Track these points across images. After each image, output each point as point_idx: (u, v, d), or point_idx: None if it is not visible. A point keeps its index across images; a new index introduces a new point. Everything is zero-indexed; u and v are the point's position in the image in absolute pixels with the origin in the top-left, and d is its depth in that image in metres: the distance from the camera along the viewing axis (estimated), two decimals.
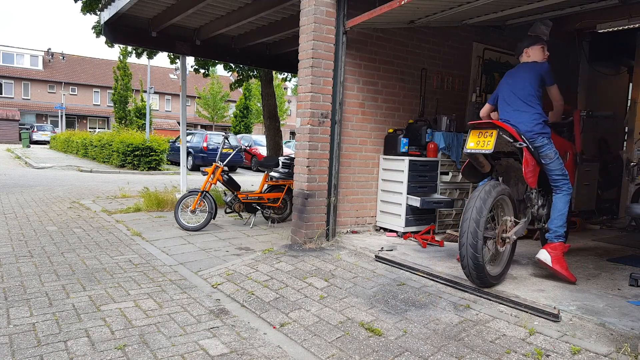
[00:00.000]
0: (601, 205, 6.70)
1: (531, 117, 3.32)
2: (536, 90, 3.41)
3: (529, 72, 3.47)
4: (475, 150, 3.12)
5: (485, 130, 3.14)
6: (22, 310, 2.94)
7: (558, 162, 3.31)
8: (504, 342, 2.49)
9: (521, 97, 3.41)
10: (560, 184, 3.37)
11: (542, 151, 3.27)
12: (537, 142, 3.26)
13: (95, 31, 9.09)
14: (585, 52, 7.08)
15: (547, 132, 3.30)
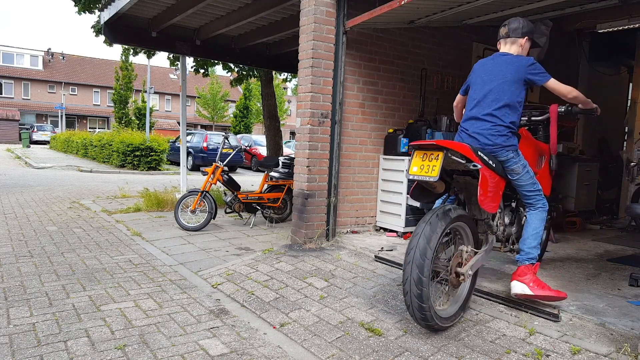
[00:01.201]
0: (601, 205, 6.70)
1: (493, 127, 2.75)
2: (514, 95, 2.79)
3: (509, 71, 2.82)
4: (418, 177, 2.58)
5: (431, 152, 2.57)
6: (22, 310, 2.94)
7: (528, 176, 2.82)
8: (504, 342, 2.49)
9: (492, 100, 2.80)
10: (533, 200, 2.90)
11: (508, 165, 2.78)
12: (500, 156, 2.75)
13: (94, 30, 9.09)
14: (585, 52, 7.08)
15: (512, 145, 2.76)
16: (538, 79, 2.80)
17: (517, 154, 2.79)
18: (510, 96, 2.78)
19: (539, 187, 2.88)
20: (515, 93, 2.79)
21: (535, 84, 2.83)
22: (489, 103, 2.79)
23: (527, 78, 2.79)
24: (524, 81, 2.79)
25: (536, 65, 2.80)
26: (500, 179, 2.77)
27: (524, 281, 2.75)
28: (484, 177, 2.60)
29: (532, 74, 2.79)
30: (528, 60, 2.81)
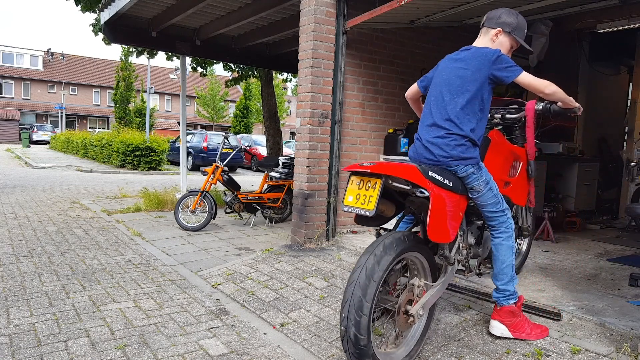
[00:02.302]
0: (601, 205, 6.70)
1: (449, 136, 2.28)
2: (476, 97, 2.31)
3: (470, 68, 2.34)
4: (353, 209, 2.11)
5: (368, 178, 2.13)
6: (22, 310, 2.94)
7: (490, 194, 2.37)
8: (504, 342, 2.49)
9: (449, 104, 2.34)
10: (496, 222, 2.43)
11: (467, 182, 2.33)
12: (459, 171, 2.30)
13: (94, 30, 9.08)
14: (585, 52, 7.08)
15: (472, 157, 2.29)
16: (506, 75, 2.27)
17: (479, 169, 2.33)
18: (471, 98, 2.30)
19: (503, 207, 2.42)
20: (477, 94, 2.30)
21: (503, 81, 2.30)
22: (446, 107, 2.32)
23: (492, 75, 2.29)
24: (489, 79, 2.30)
25: (502, 58, 2.29)
26: (462, 197, 2.35)
27: (504, 322, 2.47)
28: (436, 203, 2.13)
29: (498, 69, 2.28)
30: (493, 52, 2.30)
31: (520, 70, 2.28)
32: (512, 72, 2.28)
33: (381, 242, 2.08)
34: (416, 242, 2.21)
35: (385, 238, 2.11)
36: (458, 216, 2.32)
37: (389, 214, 2.38)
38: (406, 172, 2.09)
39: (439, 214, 2.16)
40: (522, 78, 2.28)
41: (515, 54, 2.61)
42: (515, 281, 2.50)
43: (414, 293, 2.26)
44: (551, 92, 2.31)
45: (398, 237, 2.14)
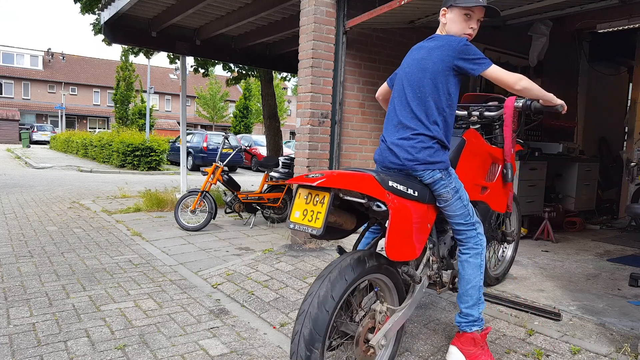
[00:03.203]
0: (601, 205, 6.71)
1: (415, 137, 2.05)
2: (441, 92, 2.06)
3: (432, 59, 2.08)
4: (299, 227, 1.86)
5: (316, 192, 1.87)
6: (22, 310, 2.94)
7: (459, 204, 2.12)
8: (504, 342, 2.49)
9: (413, 101, 2.10)
10: (464, 236, 2.18)
11: (434, 189, 2.09)
12: (425, 176, 2.06)
13: (94, 30, 9.09)
14: (585, 52, 7.08)
15: (439, 162, 2.05)
16: (472, 68, 2.03)
17: (448, 175, 2.08)
18: (437, 94, 2.05)
19: (473, 220, 2.17)
20: (442, 89, 2.05)
21: (469, 73, 2.05)
22: (410, 104, 2.10)
23: (457, 66, 2.04)
24: (454, 70, 2.06)
25: (469, 48, 2.03)
26: (430, 207, 2.12)
27: (463, 351, 2.18)
28: (397, 217, 1.88)
29: (463, 60, 2.02)
30: (459, 41, 2.04)
31: (489, 63, 2.04)
32: (480, 64, 2.03)
33: (337, 265, 1.82)
34: (379, 263, 1.94)
35: (342, 260, 1.84)
36: (425, 229, 2.08)
37: (349, 227, 2.09)
38: (360, 184, 1.81)
39: (401, 228, 1.91)
40: (490, 71, 2.03)
41: (514, 53, 2.53)
42: (481, 306, 2.21)
43: (375, 320, 1.98)
44: (523, 87, 2.04)
45: (357, 257, 1.86)
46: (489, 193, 2.53)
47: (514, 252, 3.43)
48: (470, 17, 2.15)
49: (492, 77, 2.06)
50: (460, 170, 2.27)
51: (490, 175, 2.56)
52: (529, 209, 5.27)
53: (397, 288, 2.10)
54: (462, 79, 2.13)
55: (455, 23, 2.15)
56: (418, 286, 2.19)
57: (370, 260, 1.91)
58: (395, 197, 1.90)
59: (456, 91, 2.12)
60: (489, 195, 2.52)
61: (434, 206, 2.14)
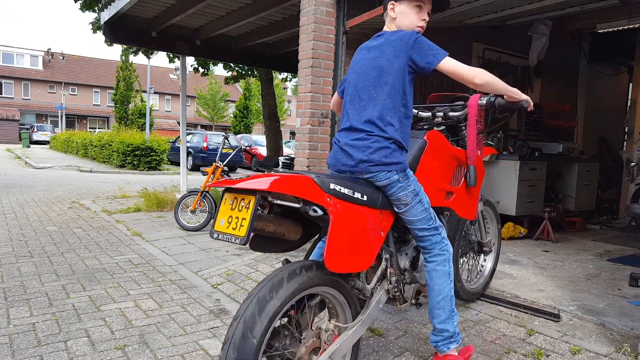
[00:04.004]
0: (601, 205, 6.71)
1: (369, 137, 1.88)
2: (395, 90, 1.90)
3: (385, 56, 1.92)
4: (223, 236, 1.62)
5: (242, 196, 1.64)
6: (22, 310, 2.94)
7: (420, 208, 1.93)
8: (504, 342, 2.49)
9: (366, 102, 1.93)
10: (428, 242, 2.00)
11: (391, 193, 1.90)
12: (380, 178, 1.87)
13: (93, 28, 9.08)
14: (585, 52, 7.09)
15: (396, 162, 1.87)
16: (427, 61, 1.88)
17: (405, 177, 1.90)
18: (391, 92, 1.89)
19: (436, 224, 1.99)
20: (396, 87, 1.89)
21: (424, 68, 1.89)
22: (364, 105, 1.93)
23: (412, 61, 1.89)
24: (409, 66, 1.90)
25: (421, 40, 1.89)
26: (385, 212, 1.94)
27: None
28: (339, 223, 1.68)
29: (417, 53, 1.88)
30: (410, 35, 1.89)
31: (444, 54, 1.90)
32: (435, 56, 1.88)
33: (269, 280, 1.58)
34: (323, 275, 1.71)
35: (276, 274, 1.61)
36: (377, 237, 1.87)
37: (293, 237, 1.87)
38: (292, 186, 1.59)
39: (344, 236, 1.71)
40: (445, 64, 1.89)
41: (514, 53, 2.47)
42: (455, 319, 2.03)
43: (321, 340, 1.77)
44: (483, 82, 1.87)
45: (294, 270, 1.64)
46: (455, 198, 2.30)
47: (494, 263, 3.15)
48: (421, 9, 2.05)
49: (447, 71, 1.90)
50: (422, 173, 2.09)
51: (455, 179, 2.34)
52: (529, 209, 5.27)
53: (350, 303, 1.87)
54: (416, 77, 1.96)
55: (406, 16, 2.03)
56: (373, 301, 1.97)
57: (310, 272, 1.67)
58: (338, 202, 1.71)
59: (411, 90, 1.95)
60: (454, 200, 2.29)
61: (390, 212, 1.96)
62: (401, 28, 2.01)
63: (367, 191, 1.85)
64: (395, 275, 2.07)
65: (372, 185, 1.89)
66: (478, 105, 2.25)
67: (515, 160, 5.09)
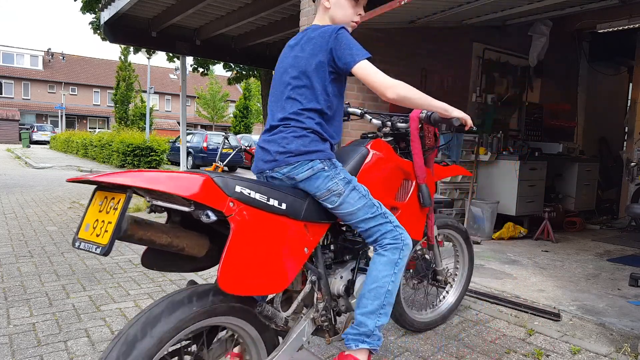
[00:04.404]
0: (601, 205, 6.71)
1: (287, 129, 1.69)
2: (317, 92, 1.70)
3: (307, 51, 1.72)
4: (84, 245, 1.29)
5: (113, 194, 1.36)
6: (22, 310, 2.94)
7: (356, 195, 1.69)
8: (504, 342, 2.49)
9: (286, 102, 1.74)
10: (378, 234, 1.73)
11: (318, 186, 1.65)
12: (302, 171, 1.64)
13: (92, 27, 9.08)
14: (585, 52, 7.09)
15: (318, 150, 1.66)
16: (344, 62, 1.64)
17: (331, 165, 1.68)
18: (313, 93, 1.70)
19: (382, 211, 1.74)
20: (318, 87, 1.69)
21: (342, 69, 1.67)
22: (284, 105, 1.73)
23: (331, 59, 1.68)
24: (329, 65, 1.69)
25: (343, 35, 1.66)
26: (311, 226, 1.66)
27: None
28: (241, 233, 1.41)
29: (336, 51, 1.65)
30: (332, 30, 1.67)
31: (363, 57, 1.63)
32: (352, 56, 1.62)
33: (144, 313, 1.28)
34: (222, 300, 1.41)
35: (158, 303, 1.31)
36: (298, 254, 1.59)
37: (197, 253, 1.50)
38: (180, 184, 1.30)
39: (247, 249, 1.42)
40: (359, 68, 1.62)
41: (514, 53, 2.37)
42: (382, 319, 1.74)
43: None
44: (397, 96, 1.62)
45: (179, 299, 1.33)
46: (400, 215, 2.04)
47: (457, 299, 2.75)
48: (358, 3, 1.83)
49: (360, 77, 1.65)
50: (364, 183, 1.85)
51: (401, 194, 2.10)
52: (529, 209, 5.27)
53: (265, 337, 1.57)
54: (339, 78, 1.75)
55: (341, 8, 1.80)
56: (294, 333, 1.66)
57: (203, 300, 1.36)
58: (245, 208, 1.43)
59: (336, 90, 1.75)
60: (399, 217, 1.99)
61: (318, 226, 1.70)
62: (335, 21, 1.80)
63: (288, 199, 1.58)
64: (323, 302, 1.76)
65: (298, 192, 1.64)
66: (419, 119, 2.07)
67: (515, 160, 5.09)
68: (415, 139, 2.06)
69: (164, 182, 1.31)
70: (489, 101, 5.95)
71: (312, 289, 1.75)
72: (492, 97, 5.98)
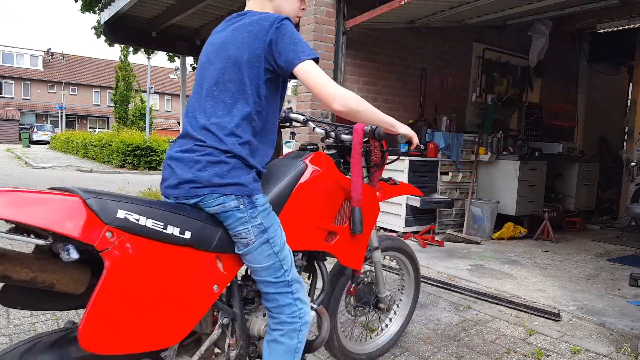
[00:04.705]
0: (601, 205, 6.71)
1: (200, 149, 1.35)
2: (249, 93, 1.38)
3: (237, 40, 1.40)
4: None
5: None
6: (22, 310, 2.94)
7: (267, 250, 1.39)
8: (504, 342, 2.49)
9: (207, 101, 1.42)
10: (274, 304, 1.45)
11: (228, 225, 1.37)
12: (211, 205, 1.34)
13: (96, 32, 9.10)
14: (585, 52, 7.09)
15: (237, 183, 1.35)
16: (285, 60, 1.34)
17: (250, 204, 1.35)
18: (241, 93, 1.37)
19: (288, 277, 1.44)
20: (249, 87, 1.37)
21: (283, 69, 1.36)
22: (203, 107, 1.40)
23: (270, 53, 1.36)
24: (266, 60, 1.37)
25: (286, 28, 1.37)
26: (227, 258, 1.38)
27: None
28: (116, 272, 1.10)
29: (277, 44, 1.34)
30: (276, 17, 1.38)
31: (309, 56, 1.34)
32: (297, 54, 1.33)
33: None
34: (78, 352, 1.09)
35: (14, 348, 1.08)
36: (205, 293, 1.31)
37: (74, 290, 1.15)
38: (36, 210, 1.01)
39: (126, 293, 1.12)
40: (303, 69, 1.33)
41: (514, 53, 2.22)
42: None
43: None
44: (345, 108, 1.36)
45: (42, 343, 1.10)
46: (339, 241, 1.74)
47: (400, 328, 2.43)
48: None
49: (303, 80, 1.35)
50: (295, 206, 1.57)
51: (341, 217, 1.77)
52: (529, 209, 5.27)
53: None
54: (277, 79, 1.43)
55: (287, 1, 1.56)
56: None
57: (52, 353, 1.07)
58: (129, 238, 1.13)
59: (270, 94, 1.42)
60: (338, 244, 1.74)
61: (236, 257, 1.41)
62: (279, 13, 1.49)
63: (196, 226, 1.28)
64: (237, 349, 1.46)
65: (209, 216, 1.35)
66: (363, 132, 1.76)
67: (515, 160, 5.09)
68: (356, 154, 1.73)
69: (13, 205, 0.99)
70: (489, 101, 5.96)
71: (223, 333, 1.45)
72: (492, 97, 5.99)
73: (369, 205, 1.87)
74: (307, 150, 1.75)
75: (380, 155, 1.93)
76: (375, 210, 1.96)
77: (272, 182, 1.55)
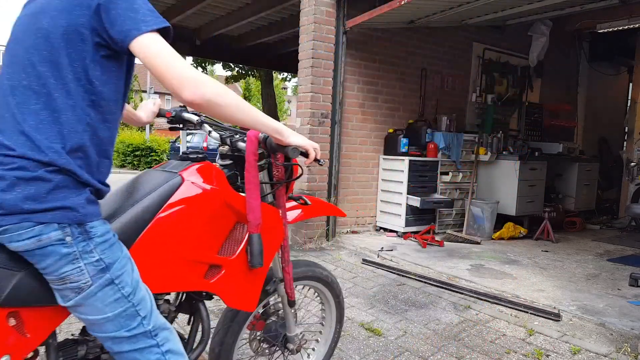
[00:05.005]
0: (601, 205, 6.71)
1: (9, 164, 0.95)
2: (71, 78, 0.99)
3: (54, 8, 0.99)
4: None
5: None
6: None
7: (113, 293, 1.03)
8: (504, 342, 2.49)
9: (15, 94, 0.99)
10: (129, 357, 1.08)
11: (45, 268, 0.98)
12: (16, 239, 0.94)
13: None
14: (585, 52, 7.09)
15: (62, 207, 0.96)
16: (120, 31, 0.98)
17: (82, 236, 1.01)
18: (61, 80, 1.00)
19: (146, 328, 1.09)
20: (72, 71, 1.00)
21: (118, 43, 0.99)
22: (8, 96, 1.01)
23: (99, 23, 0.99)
24: (94, 32, 1.00)
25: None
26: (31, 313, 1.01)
27: None
28: None
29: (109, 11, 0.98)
30: None
31: (154, 24, 1.00)
32: (136, 22, 0.98)
33: None
34: None
35: None
36: None
37: None
38: None
39: None
40: (144, 43, 0.98)
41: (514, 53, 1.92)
42: None
43: None
44: (201, 99, 1.01)
45: None
46: (224, 275, 1.35)
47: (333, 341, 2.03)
48: None
49: (144, 58, 0.99)
50: (158, 233, 1.20)
51: (230, 245, 1.38)
52: (529, 209, 5.27)
53: None
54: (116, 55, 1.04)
55: None
56: None
57: None
58: None
59: (108, 77, 1.05)
60: (222, 280, 1.35)
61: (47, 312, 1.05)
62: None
63: None
64: None
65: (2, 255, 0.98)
66: (257, 141, 1.36)
67: (515, 160, 5.09)
68: (250, 167, 1.33)
69: None
70: (489, 101, 5.96)
71: None
72: (492, 97, 5.98)
73: (270, 231, 1.50)
74: (190, 160, 1.37)
75: (284, 169, 1.50)
76: (279, 235, 1.58)
77: (124, 202, 1.17)
